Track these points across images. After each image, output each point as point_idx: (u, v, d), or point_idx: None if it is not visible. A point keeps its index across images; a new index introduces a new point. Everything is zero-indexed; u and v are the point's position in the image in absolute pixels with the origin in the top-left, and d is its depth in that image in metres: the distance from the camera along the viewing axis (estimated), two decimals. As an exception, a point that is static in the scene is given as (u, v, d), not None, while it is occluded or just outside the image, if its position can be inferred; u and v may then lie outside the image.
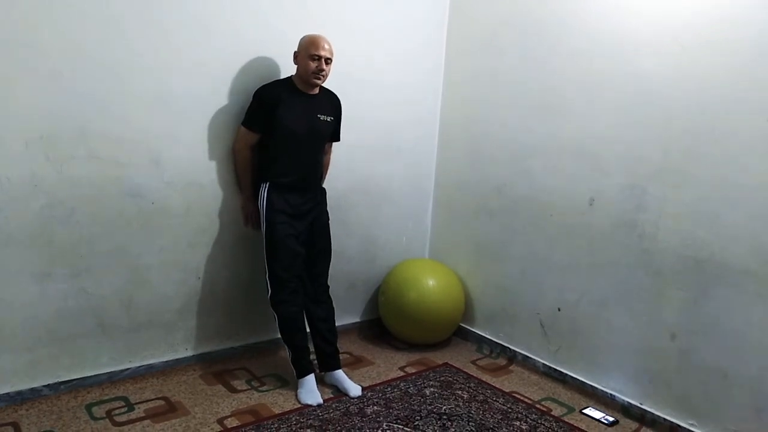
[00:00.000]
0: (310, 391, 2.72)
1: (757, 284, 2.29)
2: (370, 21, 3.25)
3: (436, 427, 2.52)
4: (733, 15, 2.32)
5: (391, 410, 2.65)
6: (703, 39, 2.41)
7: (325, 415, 2.57)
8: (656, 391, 2.65)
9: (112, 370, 2.70)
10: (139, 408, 2.54)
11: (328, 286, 2.95)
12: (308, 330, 2.87)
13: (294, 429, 2.44)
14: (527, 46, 3.13)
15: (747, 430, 2.35)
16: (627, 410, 2.75)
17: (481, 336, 3.50)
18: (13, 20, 2.22)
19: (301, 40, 2.66)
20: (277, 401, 2.69)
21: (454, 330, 3.50)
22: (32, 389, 2.50)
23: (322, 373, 2.89)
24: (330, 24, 2.96)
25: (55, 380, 2.56)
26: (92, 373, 2.65)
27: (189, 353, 2.93)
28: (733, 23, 2.32)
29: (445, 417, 2.61)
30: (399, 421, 2.56)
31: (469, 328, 3.57)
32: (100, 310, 2.62)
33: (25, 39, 2.25)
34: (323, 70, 2.64)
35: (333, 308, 2.95)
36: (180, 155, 2.71)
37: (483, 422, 2.59)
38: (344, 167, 3.24)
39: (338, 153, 3.11)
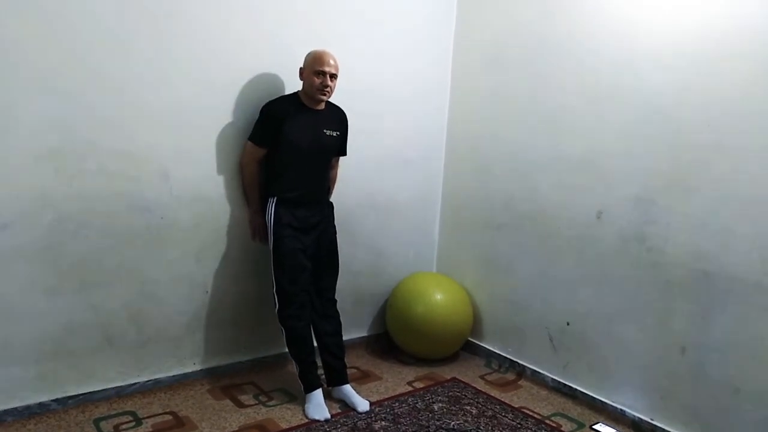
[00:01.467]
0: (318, 406, 2.71)
1: (767, 297, 2.27)
2: (377, 38, 3.29)
3: (444, 443, 2.51)
4: (740, 27, 2.32)
5: (399, 426, 2.63)
6: (709, 52, 2.41)
7: (333, 431, 2.55)
8: (667, 405, 2.62)
9: (120, 384, 2.70)
10: (146, 423, 2.54)
11: (336, 301, 2.94)
12: (315, 344, 2.87)
13: (301, 444, 2.43)
14: (533, 62, 3.15)
15: (760, 445, 2.32)
16: (637, 425, 2.71)
17: (490, 350, 3.47)
18: (22, 38, 2.25)
19: (307, 56, 2.69)
20: (285, 416, 2.67)
21: (462, 344, 3.48)
22: (40, 404, 2.50)
23: (330, 388, 2.88)
24: (337, 40, 2.98)
25: (63, 394, 2.56)
26: (100, 388, 2.65)
27: (197, 367, 2.93)
28: (739, 35, 2.32)
29: (453, 432, 2.60)
30: (407, 436, 2.54)
31: (477, 342, 3.55)
32: (108, 325, 2.63)
33: (33, 56, 2.28)
34: (328, 85, 2.65)
35: (340, 322, 2.95)
36: (188, 169, 2.73)
37: (492, 438, 2.57)
38: (352, 181, 3.24)
39: (346, 167, 3.12)
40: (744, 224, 2.33)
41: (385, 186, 3.48)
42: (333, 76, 2.65)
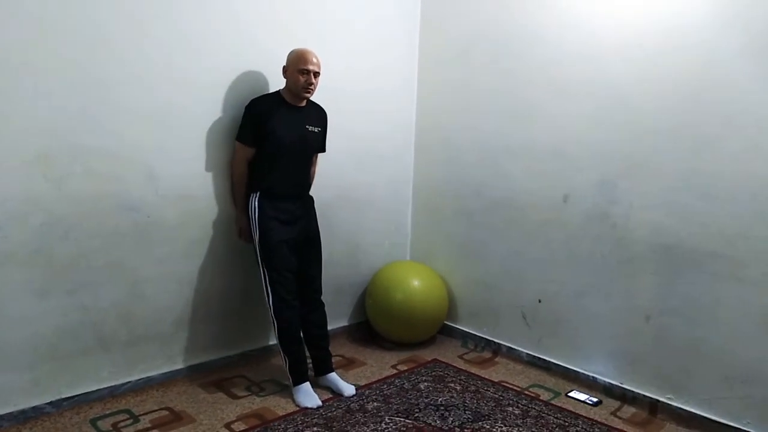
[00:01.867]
0: (308, 394, 2.78)
1: (721, 265, 2.53)
2: (347, 38, 3.40)
3: (435, 417, 2.65)
4: (687, 22, 2.57)
5: (390, 405, 2.76)
6: (663, 44, 2.65)
7: (329, 414, 2.66)
8: (635, 370, 2.86)
9: (113, 384, 2.72)
10: (144, 419, 2.57)
11: (321, 292, 3.03)
12: (304, 336, 2.94)
13: (300, 428, 2.52)
14: (499, 57, 3.33)
15: (718, 397, 2.57)
16: (609, 390, 2.95)
17: (466, 332, 3.65)
18: (6, 41, 2.25)
19: (290, 54, 2.77)
20: (279, 404, 2.76)
21: (439, 328, 3.65)
22: (34, 407, 2.50)
23: (316, 378, 2.97)
24: (312, 41, 3.05)
25: (57, 397, 2.56)
26: (94, 388, 2.66)
27: (186, 364, 2.97)
28: (687, 29, 2.57)
29: (442, 408, 2.75)
30: (399, 414, 2.68)
31: (453, 325, 3.73)
32: (99, 325, 2.64)
33: (18, 59, 2.28)
34: (312, 83, 2.75)
35: (325, 313, 3.04)
36: (173, 168, 2.77)
37: (478, 410, 2.74)
38: (329, 176, 3.34)
39: (323, 163, 3.21)
40: (698, 200, 2.58)
41: (360, 180, 3.60)
42: (316, 74, 2.75)
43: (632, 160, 2.79)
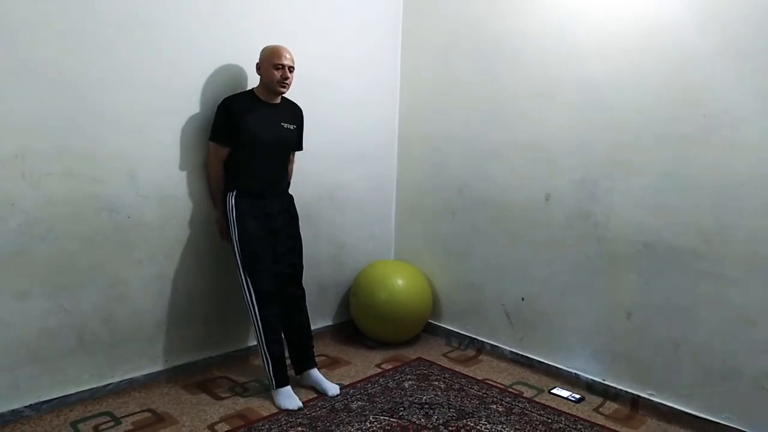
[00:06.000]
0: (289, 396, 2.75)
1: (701, 262, 2.56)
2: (331, 37, 3.40)
3: (420, 416, 2.66)
4: (664, 22, 2.60)
5: (375, 404, 2.76)
6: (641, 45, 2.68)
7: (313, 414, 2.66)
8: (616, 366, 2.89)
9: (95, 386, 2.69)
10: (126, 421, 2.55)
11: (303, 289, 3.02)
12: (284, 333, 2.92)
13: (284, 429, 2.51)
14: (480, 57, 3.34)
15: (698, 393, 2.61)
16: (591, 387, 2.97)
17: (450, 330, 3.67)
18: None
19: (263, 51, 2.78)
20: (263, 404, 2.75)
21: (423, 326, 3.65)
22: (13, 411, 2.46)
23: (299, 376, 2.96)
24: (293, 42, 3.01)
25: (37, 400, 2.53)
26: (74, 391, 2.63)
27: (169, 365, 2.95)
28: (664, 30, 2.60)
29: (426, 406, 2.76)
30: (384, 413, 2.68)
31: (437, 323, 3.74)
32: (80, 327, 2.61)
33: (-5, 58, 2.26)
34: (288, 77, 2.76)
35: (306, 307, 3.02)
36: (154, 169, 2.75)
37: (462, 408, 2.75)
38: (311, 175, 3.34)
39: (305, 162, 3.22)
40: (678, 199, 2.61)
41: (343, 180, 3.60)
42: (291, 69, 2.76)
43: (613, 159, 2.82)
